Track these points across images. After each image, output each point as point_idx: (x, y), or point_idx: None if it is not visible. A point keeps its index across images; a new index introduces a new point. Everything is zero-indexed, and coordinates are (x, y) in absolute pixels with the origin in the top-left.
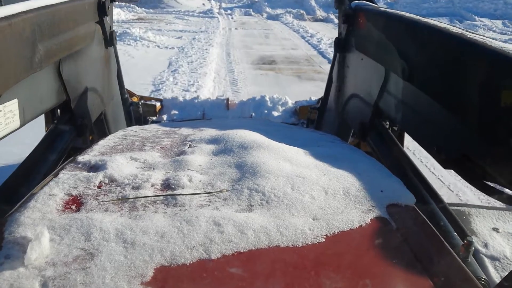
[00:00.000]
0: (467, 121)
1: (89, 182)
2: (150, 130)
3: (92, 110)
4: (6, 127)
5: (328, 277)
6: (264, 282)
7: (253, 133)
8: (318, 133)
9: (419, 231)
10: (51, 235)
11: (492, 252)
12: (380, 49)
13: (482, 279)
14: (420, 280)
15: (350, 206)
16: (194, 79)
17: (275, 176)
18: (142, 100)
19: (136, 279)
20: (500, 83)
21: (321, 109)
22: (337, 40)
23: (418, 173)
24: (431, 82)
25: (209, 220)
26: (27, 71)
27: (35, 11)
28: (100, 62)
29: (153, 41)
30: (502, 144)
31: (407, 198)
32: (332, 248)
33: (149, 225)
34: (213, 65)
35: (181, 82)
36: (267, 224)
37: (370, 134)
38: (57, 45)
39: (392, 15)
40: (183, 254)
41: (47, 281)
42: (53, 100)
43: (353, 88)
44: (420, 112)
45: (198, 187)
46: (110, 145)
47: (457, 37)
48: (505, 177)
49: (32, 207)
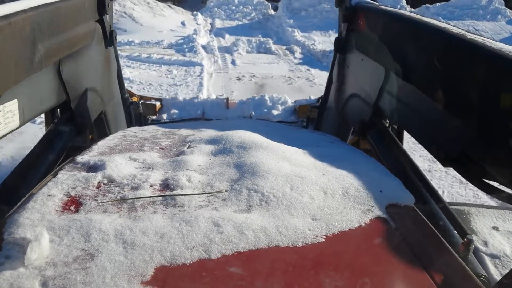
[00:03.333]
0: (467, 120)
1: (88, 183)
2: (149, 130)
3: (92, 110)
4: (6, 126)
5: (328, 277)
6: (264, 282)
7: (252, 134)
8: (317, 133)
9: (418, 230)
10: (51, 236)
11: (492, 250)
12: (380, 49)
13: (482, 276)
14: (420, 279)
15: (349, 206)
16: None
17: (274, 176)
18: (142, 100)
19: (136, 278)
20: (499, 83)
21: (321, 108)
22: (337, 40)
23: (418, 171)
24: (431, 82)
25: (209, 220)
26: (27, 71)
27: (35, 9)
28: (100, 62)
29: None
30: (502, 144)
31: (406, 198)
32: (332, 248)
33: (149, 226)
34: None
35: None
36: (267, 224)
37: (370, 132)
38: (57, 45)
39: (392, 14)
40: (183, 254)
41: (47, 280)
42: (53, 100)
43: (353, 88)
44: (420, 111)
45: (197, 187)
46: (109, 146)
47: (457, 38)
48: (504, 176)
49: (31, 208)
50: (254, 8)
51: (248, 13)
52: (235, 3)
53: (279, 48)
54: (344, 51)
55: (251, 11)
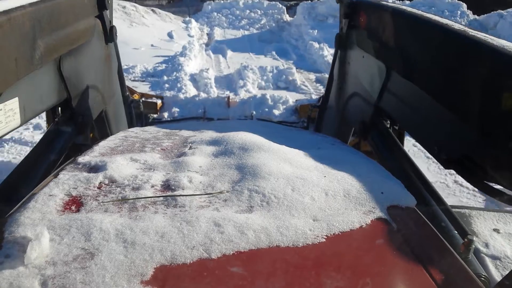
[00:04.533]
0: (469, 121)
1: (89, 183)
2: (150, 131)
3: (93, 108)
4: (7, 125)
5: (329, 278)
6: (264, 282)
7: (253, 135)
8: (318, 135)
9: (419, 232)
10: (51, 235)
11: (493, 252)
12: (381, 46)
13: (482, 276)
14: (421, 280)
15: (351, 208)
16: None
17: (275, 178)
18: (143, 98)
19: (136, 278)
20: (501, 83)
21: (322, 108)
22: (338, 37)
23: (419, 174)
24: (432, 81)
25: (209, 220)
26: (28, 68)
27: (34, 5)
28: (100, 59)
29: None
30: (504, 146)
31: (407, 200)
32: (333, 249)
33: (149, 226)
34: None
35: None
36: (268, 224)
37: (371, 133)
38: (57, 41)
39: (393, 10)
40: (183, 253)
41: (47, 280)
42: (54, 98)
43: (354, 86)
44: (422, 112)
45: (198, 188)
46: (110, 146)
47: (459, 35)
48: (506, 178)
49: (32, 208)
50: (265, 13)
51: (257, 20)
52: (239, 7)
53: (306, 79)
54: (345, 47)
55: (261, 17)
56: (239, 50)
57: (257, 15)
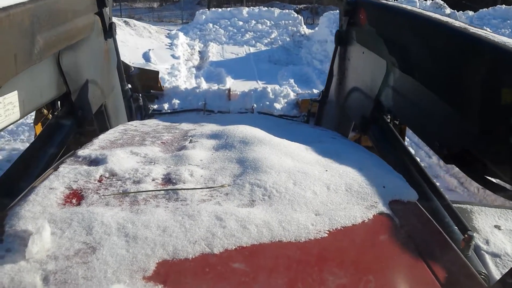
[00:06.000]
0: (469, 116)
1: (89, 176)
2: (150, 124)
3: (92, 102)
4: (6, 118)
5: (331, 272)
6: (266, 277)
7: (254, 129)
8: (318, 128)
9: (421, 226)
10: (52, 229)
11: (494, 249)
12: (381, 42)
13: (482, 273)
14: (422, 275)
15: (353, 202)
16: None
17: (277, 172)
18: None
19: (138, 273)
20: (501, 78)
21: (322, 102)
22: (338, 33)
23: (420, 169)
24: (432, 76)
25: (211, 214)
26: (27, 63)
27: (34, 1)
28: (99, 54)
29: None
30: (504, 141)
31: (409, 194)
32: (335, 243)
33: (151, 219)
34: None
35: None
36: (270, 219)
37: (372, 128)
38: (56, 36)
39: (393, 8)
40: (186, 248)
41: (48, 274)
42: (53, 92)
43: (354, 81)
44: (422, 107)
45: (200, 181)
46: (110, 140)
47: (459, 31)
48: (507, 174)
49: (33, 201)
50: (276, 24)
51: (266, 33)
52: (242, 16)
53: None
54: (345, 44)
55: (271, 29)
56: (243, 76)
57: (266, 27)
